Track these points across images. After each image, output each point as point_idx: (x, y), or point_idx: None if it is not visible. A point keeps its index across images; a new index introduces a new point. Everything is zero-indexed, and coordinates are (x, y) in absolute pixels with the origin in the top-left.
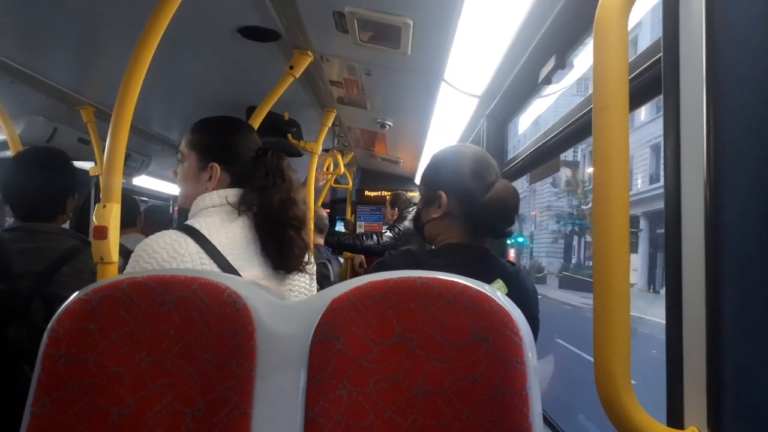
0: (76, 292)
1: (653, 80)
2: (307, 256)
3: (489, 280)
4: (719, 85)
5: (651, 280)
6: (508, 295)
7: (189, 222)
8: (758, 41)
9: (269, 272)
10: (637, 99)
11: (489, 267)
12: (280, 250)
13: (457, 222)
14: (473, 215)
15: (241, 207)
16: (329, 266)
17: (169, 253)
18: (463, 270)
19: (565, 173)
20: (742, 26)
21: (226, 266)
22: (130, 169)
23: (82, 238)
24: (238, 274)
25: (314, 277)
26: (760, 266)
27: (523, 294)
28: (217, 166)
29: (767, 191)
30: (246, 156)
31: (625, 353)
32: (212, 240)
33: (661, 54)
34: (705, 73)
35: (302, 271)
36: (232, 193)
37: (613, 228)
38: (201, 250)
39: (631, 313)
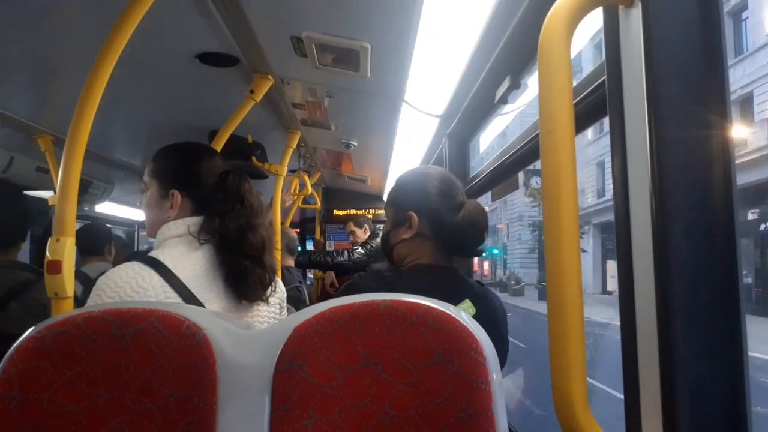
0: (29, 330)
1: (598, 102)
2: (272, 286)
3: (457, 301)
4: (660, 104)
5: None
6: (477, 315)
7: (152, 253)
8: (694, 61)
9: (233, 303)
10: (583, 121)
11: (458, 287)
12: (237, 280)
13: (428, 242)
14: (444, 235)
15: (202, 236)
16: (302, 289)
17: (132, 288)
18: (433, 291)
19: (534, 181)
20: (679, 47)
21: (191, 299)
22: (92, 197)
23: (36, 270)
24: (204, 307)
25: (284, 304)
26: (706, 277)
27: (491, 313)
28: (177, 192)
29: (709, 201)
30: (208, 181)
31: (581, 373)
32: (176, 272)
33: (605, 77)
34: (646, 93)
35: (265, 302)
36: (193, 222)
37: (563, 249)
38: (165, 284)
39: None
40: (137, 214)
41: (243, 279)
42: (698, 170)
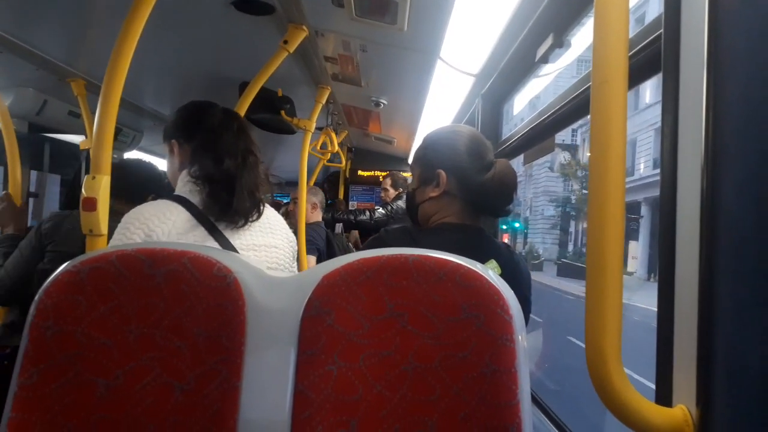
0: (64, 264)
1: (653, 57)
2: (253, 213)
3: (484, 260)
4: (720, 63)
5: (652, 269)
6: (502, 275)
7: (176, 193)
8: (761, 19)
9: (230, 229)
10: (636, 76)
11: (484, 247)
12: (216, 205)
13: (456, 201)
14: (472, 194)
15: (193, 172)
16: (332, 241)
17: (159, 219)
18: (459, 249)
19: (563, 156)
20: (745, 3)
21: (214, 230)
22: (121, 144)
23: None
24: (228, 241)
25: (296, 254)
26: (754, 246)
27: (516, 275)
28: (175, 141)
29: (765, 172)
30: (195, 125)
31: (617, 331)
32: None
33: (662, 30)
34: (706, 50)
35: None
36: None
37: (608, 203)
38: (191, 217)
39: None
40: (165, 164)
41: (218, 203)
42: (757, 137)
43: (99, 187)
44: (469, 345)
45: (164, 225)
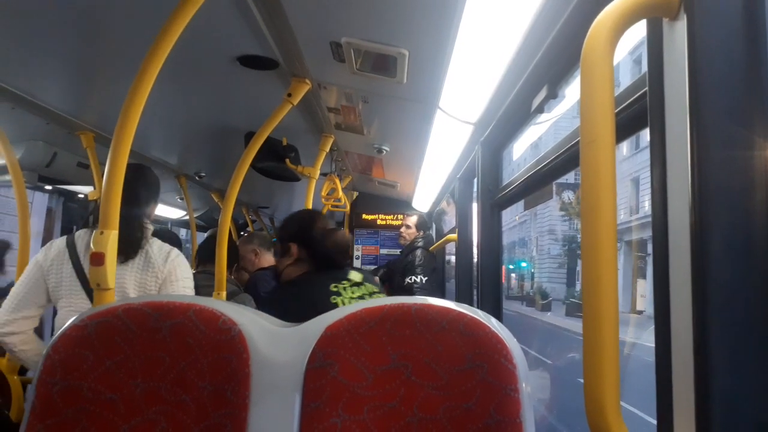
0: (72, 319)
1: (639, 113)
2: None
3: (339, 278)
4: (702, 118)
5: None
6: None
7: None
8: (738, 76)
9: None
10: (624, 131)
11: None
12: None
13: (304, 264)
14: (318, 256)
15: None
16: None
17: (48, 247)
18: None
19: (566, 195)
20: (723, 62)
21: (77, 264)
22: None
23: (237, 284)
24: (84, 274)
25: (164, 275)
26: (743, 295)
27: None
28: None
29: (749, 219)
30: None
31: (615, 381)
32: (77, 243)
33: (647, 88)
34: (689, 106)
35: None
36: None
37: (601, 258)
38: (66, 251)
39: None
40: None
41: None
42: (740, 186)
43: (107, 241)
44: (473, 395)
45: (48, 252)
